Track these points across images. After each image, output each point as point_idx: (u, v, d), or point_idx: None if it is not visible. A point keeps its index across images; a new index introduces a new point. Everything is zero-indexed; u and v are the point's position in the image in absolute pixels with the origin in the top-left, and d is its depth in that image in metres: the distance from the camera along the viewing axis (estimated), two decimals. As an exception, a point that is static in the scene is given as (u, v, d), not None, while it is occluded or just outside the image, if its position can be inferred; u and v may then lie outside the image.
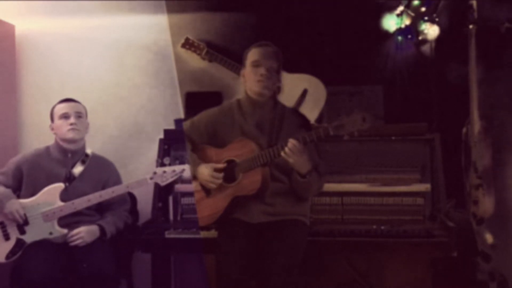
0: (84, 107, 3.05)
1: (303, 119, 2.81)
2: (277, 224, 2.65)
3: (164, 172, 2.87)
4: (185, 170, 2.84)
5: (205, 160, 2.75)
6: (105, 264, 2.78)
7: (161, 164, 2.90)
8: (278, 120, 2.75)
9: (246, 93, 2.78)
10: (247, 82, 2.74)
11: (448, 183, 3.02)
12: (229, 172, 2.69)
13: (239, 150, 2.68)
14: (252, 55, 2.73)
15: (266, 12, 3.50)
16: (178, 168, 2.87)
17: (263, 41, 2.77)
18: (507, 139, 3.18)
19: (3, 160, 3.15)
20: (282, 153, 2.53)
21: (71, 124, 2.94)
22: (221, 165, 2.69)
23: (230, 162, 2.70)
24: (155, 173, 2.88)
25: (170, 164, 2.89)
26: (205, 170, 2.69)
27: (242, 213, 2.67)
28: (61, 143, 3.00)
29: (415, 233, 2.78)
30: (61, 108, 2.98)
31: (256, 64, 2.71)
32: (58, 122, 2.97)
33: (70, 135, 2.95)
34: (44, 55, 3.71)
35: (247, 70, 2.74)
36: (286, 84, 3.33)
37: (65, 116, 2.96)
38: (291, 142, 2.50)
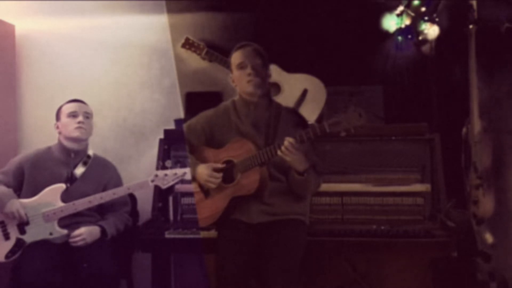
0: (91, 109, 3.06)
1: (299, 118, 2.81)
2: (277, 224, 2.65)
3: (166, 175, 2.87)
4: (187, 173, 2.84)
5: (203, 161, 2.75)
6: (105, 264, 2.78)
7: (162, 166, 2.90)
8: (274, 119, 2.75)
9: (239, 94, 2.79)
10: (239, 85, 2.75)
11: (448, 183, 3.01)
12: (228, 173, 2.69)
13: (237, 150, 2.67)
14: (236, 58, 2.74)
15: (266, 12, 3.50)
16: (179, 171, 2.87)
17: (242, 42, 2.77)
18: (507, 139, 3.18)
19: (4, 160, 3.15)
20: (279, 152, 2.53)
21: (79, 122, 2.95)
22: (220, 165, 2.69)
23: (228, 163, 2.70)
24: (156, 175, 2.88)
25: (171, 167, 2.89)
26: (204, 170, 2.69)
27: (241, 214, 2.67)
28: (64, 142, 3.00)
29: (415, 233, 2.78)
30: (70, 107, 2.99)
31: (241, 66, 2.71)
32: (65, 120, 2.97)
33: (76, 133, 2.96)
34: (44, 55, 3.71)
35: (235, 74, 2.75)
36: (286, 84, 3.34)
37: (74, 115, 2.96)
38: (288, 140, 2.50)
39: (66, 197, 2.89)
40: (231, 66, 2.77)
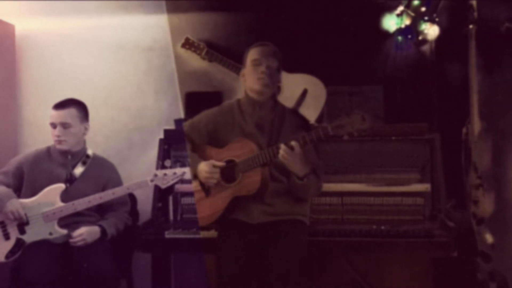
0: (77, 111, 2.98)
1: (303, 120, 2.81)
2: (277, 224, 2.65)
3: (165, 174, 2.87)
4: (186, 173, 2.84)
5: (205, 160, 2.75)
6: (105, 264, 2.79)
7: (161, 166, 2.90)
8: (278, 120, 2.75)
9: (245, 93, 2.78)
10: (248, 81, 2.74)
11: (448, 183, 3.01)
12: (229, 172, 2.68)
13: (239, 150, 2.67)
14: (252, 54, 2.74)
15: (266, 12, 3.50)
16: (179, 170, 2.87)
17: (263, 41, 2.78)
18: (507, 139, 3.18)
19: (3, 160, 3.15)
20: (279, 156, 2.53)
21: (57, 136, 2.94)
22: (220, 164, 2.68)
23: (229, 162, 2.70)
24: (155, 175, 2.88)
25: (171, 167, 2.89)
26: (204, 167, 2.69)
27: (241, 213, 2.67)
28: None
29: (415, 233, 2.78)
30: (50, 117, 2.97)
31: (256, 63, 2.71)
32: (50, 128, 2.97)
33: (57, 146, 2.96)
34: (44, 55, 3.71)
35: (248, 69, 2.74)
36: (286, 84, 3.33)
37: (53, 126, 2.96)
38: (282, 148, 2.50)
39: (65, 197, 2.89)
40: (245, 61, 2.76)
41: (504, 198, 3.13)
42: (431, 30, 3.42)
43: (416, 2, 3.44)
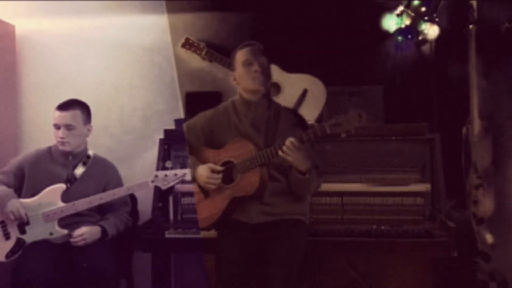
0: (81, 113, 2.99)
1: (299, 118, 2.81)
2: (276, 224, 2.65)
3: (166, 175, 2.87)
4: (187, 174, 2.84)
5: (203, 162, 2.75)
6: (105, 264, 2.79)
7: (162, 167, 2.89)
8: (273, 119, 2.74)
9: (239, 94, 2.79)
10: (242, 82, 2.74)
11: (448, 183, 3.02)
12: (227, 173, 2.68)
13: (237, 151, 2.67)
14: (241, 55, 2.74)
15: (266, 12, 3.50)
16: (180, 172, 2.86)
17: (247, 42, 2.78)
18: (507, 139, 3.18)
19: (3, 160, 3.16)
20: (280, 152, 2.52)
21: (61, 137, 2.94)
22: (219, 168, 2.68)
23: (227, 163, 2.70)
24: (156, 176, 2.88)
25: (171, 167, 2.89)
26: (203, 172, 2.69)
27: (241, 214, 2.67)
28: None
29: (415, 233, 2.78)
30: (54, 118, 2.96)
31: (248, 63, 2.71)
32: (53, 129, 2.97)
33: (60, 147, 2.96)
34: (44, 55, 3.71)
35: (239, 71, 2.73)
36: (286, 84, 3.34)
37: (56, 127, 2.96)
38: (290, 140, 2.50)
39: (66, 197, 2.89)
40: (235, 64, 2.76)
41: (504, 198, 3.13)
42: (431, 30, 3.42)
43: (416, 2, 3.44)
